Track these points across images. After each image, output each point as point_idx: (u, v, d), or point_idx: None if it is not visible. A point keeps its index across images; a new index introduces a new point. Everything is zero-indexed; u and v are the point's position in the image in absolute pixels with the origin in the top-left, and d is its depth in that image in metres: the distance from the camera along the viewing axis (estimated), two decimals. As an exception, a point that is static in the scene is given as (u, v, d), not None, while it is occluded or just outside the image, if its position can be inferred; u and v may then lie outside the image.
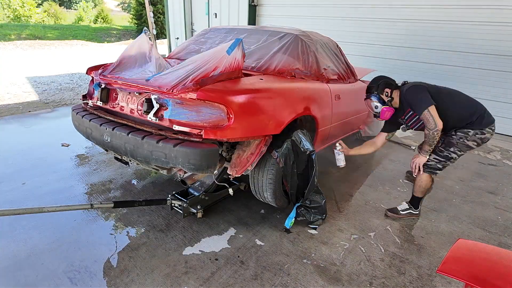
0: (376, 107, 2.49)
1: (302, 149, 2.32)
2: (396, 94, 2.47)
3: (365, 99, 2.56)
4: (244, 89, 2.11)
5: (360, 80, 3.67)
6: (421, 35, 5.23)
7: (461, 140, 2.32)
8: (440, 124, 2.22)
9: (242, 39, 2.13)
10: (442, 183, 3.26)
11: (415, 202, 2.57)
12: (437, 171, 2.42)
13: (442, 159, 2.37)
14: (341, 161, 2.71)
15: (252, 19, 7.12)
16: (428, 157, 2.38)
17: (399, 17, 5.38)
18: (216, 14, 7.66)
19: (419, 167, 2.42)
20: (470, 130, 2.29)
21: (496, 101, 4.81)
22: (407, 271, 2.05)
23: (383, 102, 2.46)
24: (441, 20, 5.02)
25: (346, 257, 2.14)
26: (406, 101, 2.38)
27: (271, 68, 2.61)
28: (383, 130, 2.69)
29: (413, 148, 4.10)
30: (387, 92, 2.45)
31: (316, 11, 6.30)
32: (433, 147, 2.32)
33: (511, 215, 2.76)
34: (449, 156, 2.35)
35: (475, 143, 2.32)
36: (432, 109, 2.24)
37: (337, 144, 2.71)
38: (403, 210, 2.59)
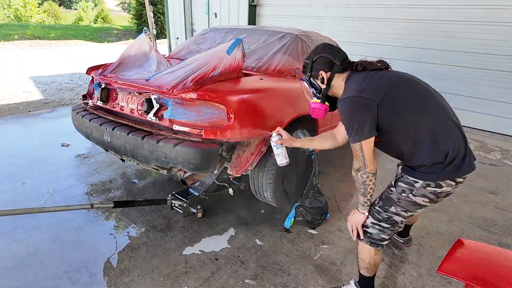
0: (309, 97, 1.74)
1: (302, 149, 2.32)
2: (341, 79, 1.57)
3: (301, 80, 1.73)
4: (244, 89, 2.11)
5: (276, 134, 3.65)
6: (422, 35, 5.22)
7: (404, 195, 1.49)
8: (371, 166, 1.45)
9: (242, 39, 2.13)
10: (442, 183, 3.26)
11: (366, 286, 1.74)
12: (382, 243, 1.58)
13: (384, 224, 1.54)
14: (282, 158, 1.91)
15: (252, 19, 7.12)
16: (366, 214, 1.58)
17: (400, 17, 5.37)
18: (216, 14, 7.66)
19: (357, 229, 1.61)
20: (418, 181, 1.45)
21: (496, 101, 4.81)
22: (407, 271, 2.05)
23: (315, 93, 1.65)
24: (442, 20, 5.02)
25: (346, 257, 2.14)
26: (341, 117, 1.51)
27: (271, 68, 2.60)
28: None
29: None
30: (322, 76, 1.59)
31: (316, 11, 6.29)
32: (368, 198, 1.52)
33: (511, 215, 2.76)
34: (391, 218, 1.53)
35: (427, 200, 1.47)
36: (367, 144, 1.42)
37: (273, 134, 1.88)
38: None
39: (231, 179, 2.61)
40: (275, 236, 2.32)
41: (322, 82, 1.60)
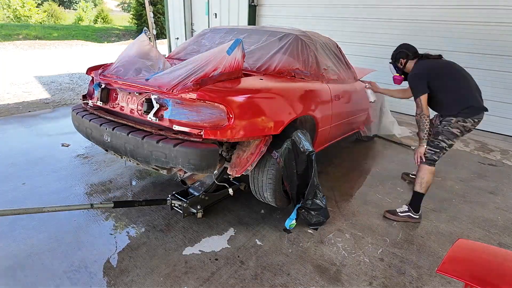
0: (393, 72, 2.89)
1: (301, 149, 2.32)
2: (412, 63, 2.69)
3: (389, 63, 2.90)
4: (244, 89, 2.11)
5: (360, 80, 3.67)
6: (421, 35, 5.22)
7: (445, 127, 2.49)
8: (426, 111, 2.47)
9: (242, 39, 2.13)
10: (442, 183, 3.26)
11: (416, 202, 2.56)
12: (434, 162, 2.54)
13: (435, 149, 2.52)
14: (370, 96, 3.18)
15: (252, 19, 7.12)
16: (425, 146, 2.53)
17: (399, 17, 5.38)
18: (216, 14, 7.67)
19: (420, 157, 2.55)
20: (452, 118, 2.47)
21: (496, 101, 4.81)
22: (407, 271, 2.05)
23: (397, 70, 2.81)
24: (441, 20, 5.02)
25: (346, 257, 2.14)
26: (408, 83, 2.64)
27: (271, 68, 2.61)
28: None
29: (413, 148, 4.10)
30: (401, 62, 2.76)
31: (316, 11, 6.30)
32: (425, 133, 2.48)
33: (511, 215, 2.76)
34: (440, 145, 2.50)
35: (459, 130, 2.48)
36: (424, 97, 2.48)
37: (366, 84, 3.21)
38: (401, 212, 2.59)
39: (231, 179, 2.61)
40: (275, 236, 2.32)
41: (401, 65, 2.75)
